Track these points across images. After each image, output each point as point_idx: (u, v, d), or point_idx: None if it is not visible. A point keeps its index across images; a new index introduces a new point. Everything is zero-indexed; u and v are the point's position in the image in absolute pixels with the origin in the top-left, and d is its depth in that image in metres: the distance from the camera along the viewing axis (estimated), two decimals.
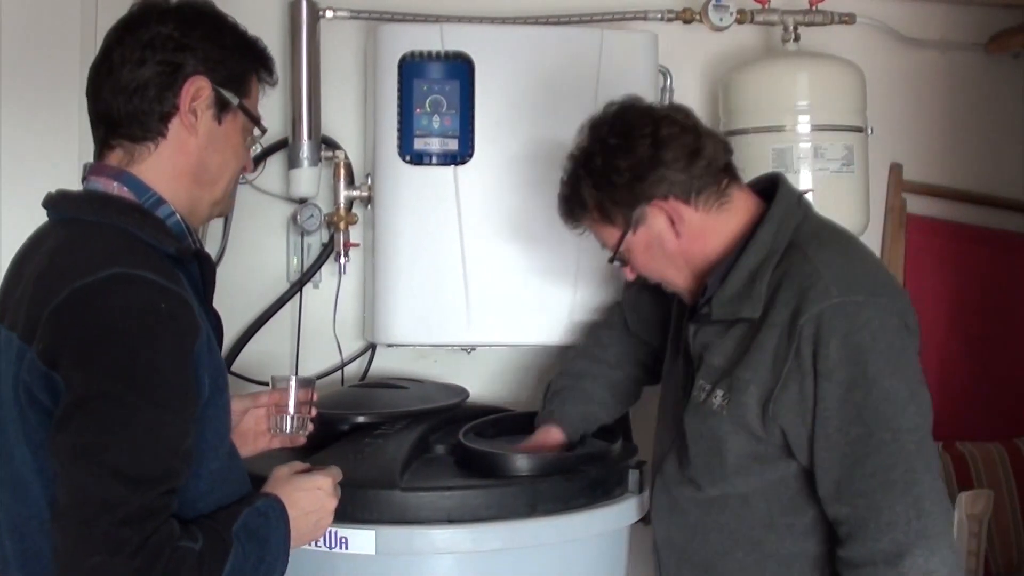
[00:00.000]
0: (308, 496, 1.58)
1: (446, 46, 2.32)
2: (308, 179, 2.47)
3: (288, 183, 2.51)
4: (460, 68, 2.32)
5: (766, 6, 2.62)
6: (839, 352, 1.57)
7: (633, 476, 2.05)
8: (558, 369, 2.24)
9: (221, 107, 1.53)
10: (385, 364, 2.58)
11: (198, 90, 1.50)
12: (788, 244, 1.70)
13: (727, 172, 1.77)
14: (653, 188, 1.71)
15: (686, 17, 2.60)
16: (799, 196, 1.79)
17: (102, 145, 1.53)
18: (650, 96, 2.40)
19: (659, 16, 2.61)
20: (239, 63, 1.56)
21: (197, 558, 1.36)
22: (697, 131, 1.75)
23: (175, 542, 1.34)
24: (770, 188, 1.79)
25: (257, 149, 1.56)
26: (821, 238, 1.72)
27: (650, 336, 2.12)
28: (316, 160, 2.47)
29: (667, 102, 2.59)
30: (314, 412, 1.81)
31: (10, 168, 2.53)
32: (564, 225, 1.90)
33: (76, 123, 2.54)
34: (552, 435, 2.06)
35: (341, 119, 2.60)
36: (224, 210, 1.64)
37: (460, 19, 2.48)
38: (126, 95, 1.48)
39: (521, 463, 1.91)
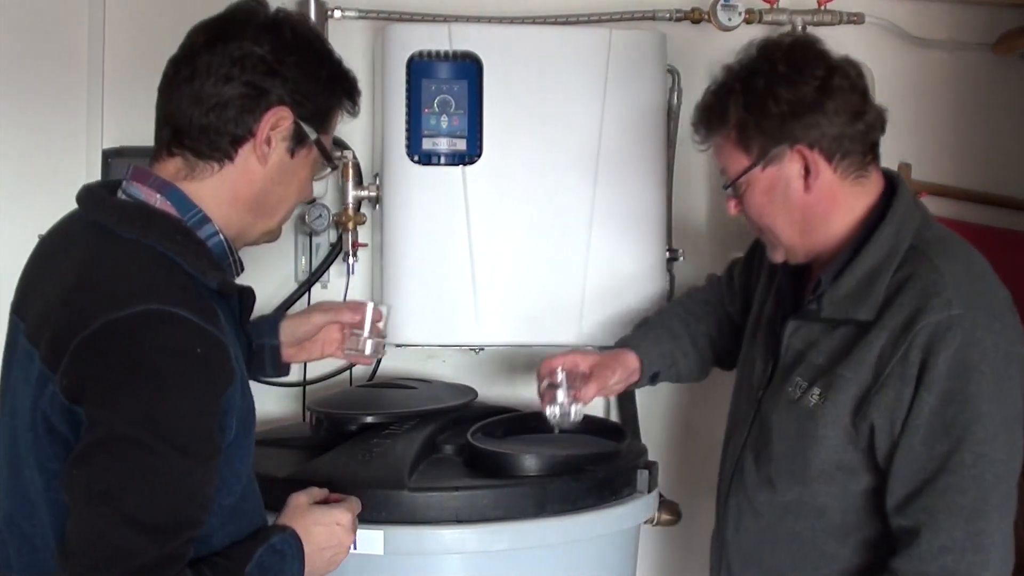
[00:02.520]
0: (326, 532, 1.54)
1: (454, 46, 2.32)
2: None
3: None
4: (468, 68, 2.32)
5: (774, 6, 2.62)
6: (946, 365, 1.53)
7: (642, 476, 2.05)
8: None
9: (298, 140, 1.47)
10: (394, 364, 2.58)
11: (279, 120, 1.44)
12: (909, 247, 1.64)
13: (873, 150, 1.69)
14: (804, 131, 1.63)
15: (694, 17, 2.60)
16: (916, 197, 1.74)
17: (163, 148, 1.46)
18: (659, 97, 2.41)
19: (667, 16, 2.60)
20: (328, 99, 1.50)
21: None
22: (865, 94, 1.67)
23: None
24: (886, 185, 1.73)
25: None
26: (946, 246, 1.66)
27: (740, 320, 2.06)
28: None
29: (675, 102, 2.59)
30: (384, 337, 1.89)
31: (16, 164, 2.54)
32: (693, 135, 1.80)
33: (84, 115, 2.55)
34: (629, 360, 2.00)
35: (349, 119, 2.59)
36: (273, 238, 1.58)
37: (468, 19, 2.48)
38: (203, 108, 1.41)
39: (529, 463, 1.91)
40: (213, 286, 1.40)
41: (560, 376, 1.91)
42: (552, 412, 1.91)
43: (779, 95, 1.62)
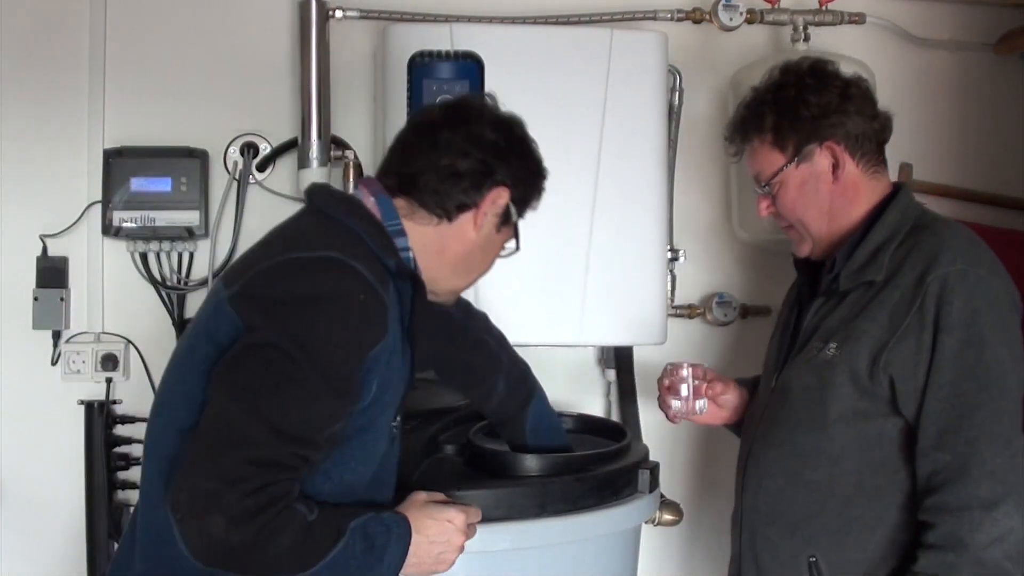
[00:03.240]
0: (437, 526, 1.61)
1: (455, 46, 2.32)
2: (318, 179, 2.47)
3: (298, 183, 2.52)
4: (470, 68, 2.32)
5: (776, 6, 2.62)
6: (960, 312, 1.71)
7: (643, 476, 2.04)
8: None
9: (505, 219, 1.66)
10: None
11: (498, 198, 1.63)
12: (912, 226, 1.85)
13: (881, 151, 1.93)
14: (832, 129, 1.86)
15: (696, 17, 2.60)
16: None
17: (388, 188, 1.62)
18: (660, 97, 2.41)
19: (669, 16, 2.61)
20: (533, 188, 1.70)
21: (305, 526, 1.41)
22: (875, 102, 1.92)
23: (291, 501, 1.41)
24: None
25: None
26: (945, 222, 1.88)
27: None
28: (326, 160, 2.47)
29: (676, 102, 2.60)
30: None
31: (18, 163, 2.55)
32: (726, 148, 2.01)
33: (85, 115, 2.56)
34: (743, 392, 2.13)
35: (350, 119, 2.60)
36: (450, 301, 1.75)
37: (470, 19, 2.49)
38: (441, 176, 1.60)
39: (531, 463, 1.91)
40: (391, 265, 1.54)
41: (685, 371, 2.05)
42: (676, 404, 2.06)
43: (808, 100, 1.87)
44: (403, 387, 1.60)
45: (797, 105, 1.87)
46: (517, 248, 1.72)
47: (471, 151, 1.60)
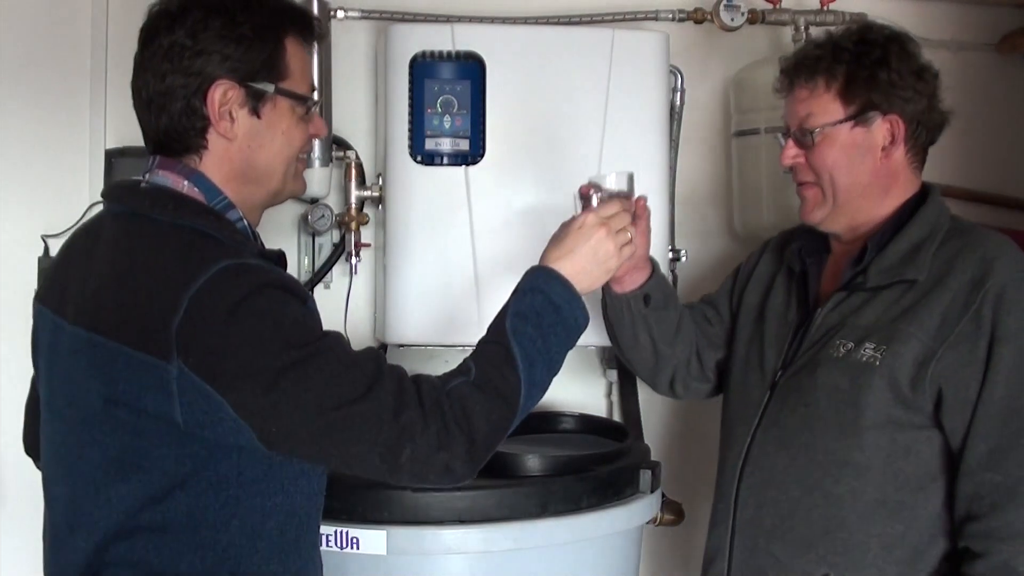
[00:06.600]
0: (570, 239, 1.60)
1: (457, 46, 2.32)
2: (319, 179, 2.46)
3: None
4: (471, 68, 2.32)
5: (777, 6, 2.62)
6: (1018, 323, 1.61)
7: (644, 476, 2.05)
8: None
9: (256, 100, 1.46)
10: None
11: (224, 93, 1.44)
12: (950, 228, 1.76)
13: (927, 149, 1.84)
14: (902, 103, 1.76)
15: (697, 17, 2.60)
16: None
17: (162, 157, 1.49)
18: (661, 97, 2.41)
19: (670, 16, 2.61)
20: (263, 48, 1.46)
21: (475, 387, 1.40)
22: (938, 92, 1.83)
23: (445, 387, 1.39)
24: None
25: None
26: (985, 228, 1.81)
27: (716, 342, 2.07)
28: (327, 160, 2.47)
29: (677, 102, 2.60)
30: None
31: (20, 164, 2.55)
32: (783, 79, 1.86)
33: (87, 114, 2.55)
34: (647, 261, 1.96)
35: (352, 119, 2.60)
36: (294, 191, 1.60)
37: (471, 19, 2.48)
38: (156, 113, 1.45)
39: (532, 463, 1.92)
40: (255, 255, 1.44)
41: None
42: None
43: (891, 64, 1.76)
44: None
45: (879, 64, 1.76)
46: (308, 105, 1.52)
47: (165, 69, 1.43)
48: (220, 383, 1.31)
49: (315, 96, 1.56)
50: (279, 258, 1.51)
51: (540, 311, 1.49)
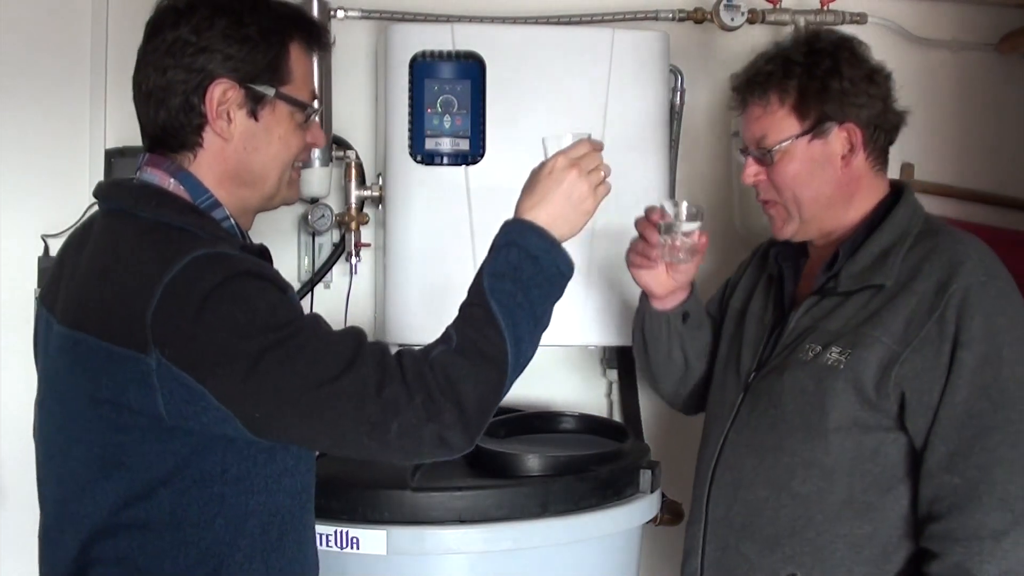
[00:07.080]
0: (541, 186, 1.53)
1: (457, 46, 2.32)
2: (319, 179, 2.47)
3: (300, 183, 2.51)
4: (471, 68, 2.32)
5: (777, 6, 2.62)
6: (981, 328, 1.61)
7: (644, 476, 2.05)
8: None
9: (255, 102, 1.46)
10: None
11: (224, 93, 1.43)
12: (921, 230, 1.76)
13: (887, 150, 1.84)
14: (856, 110, 1.76)
15: (697, 17, 2.60)
16: None
17: (154, 155, 1.49)
18: (661, 97, 2.41)
19: (670, 16, 2.61)
20: (267, 51, 1.46)
21: (457, 353, 1.37)
22: (892, 93, 1.83)
23: (428, 358, 1.36)
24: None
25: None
26: (954, 229, 1.79)
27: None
28: (327, 160, 2.47)
29: (677, 102, 2.59)
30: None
31: (19, 163, 2.55)
32: (736, 97, 1.85)
33: (87, 115, 2.55)
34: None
35: (352, 119, 2.60)
36: (287, 199, 1.59)
37: (471, 19, 2.48)
38: (155, 107, 1.45)
39: (532, 463, 1.92)
40: (236, 252, 1.42)
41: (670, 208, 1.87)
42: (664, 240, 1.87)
43: (843, 72, 1.75)
44: None
45: (830, 74, 1.75)
46: (307, 112, 1.52)
47: (167, 64, 1.43)
48: (198, 371, 1.30)
49: (316, 104, 1.55)
50: (261, 252, 1.50)
51: (517, 265, 1.45)
